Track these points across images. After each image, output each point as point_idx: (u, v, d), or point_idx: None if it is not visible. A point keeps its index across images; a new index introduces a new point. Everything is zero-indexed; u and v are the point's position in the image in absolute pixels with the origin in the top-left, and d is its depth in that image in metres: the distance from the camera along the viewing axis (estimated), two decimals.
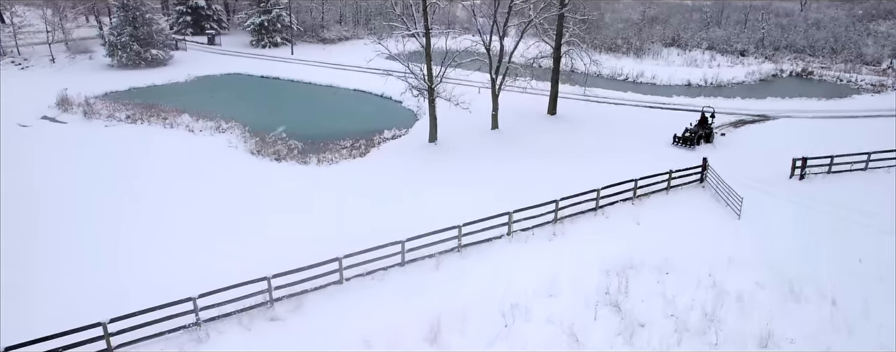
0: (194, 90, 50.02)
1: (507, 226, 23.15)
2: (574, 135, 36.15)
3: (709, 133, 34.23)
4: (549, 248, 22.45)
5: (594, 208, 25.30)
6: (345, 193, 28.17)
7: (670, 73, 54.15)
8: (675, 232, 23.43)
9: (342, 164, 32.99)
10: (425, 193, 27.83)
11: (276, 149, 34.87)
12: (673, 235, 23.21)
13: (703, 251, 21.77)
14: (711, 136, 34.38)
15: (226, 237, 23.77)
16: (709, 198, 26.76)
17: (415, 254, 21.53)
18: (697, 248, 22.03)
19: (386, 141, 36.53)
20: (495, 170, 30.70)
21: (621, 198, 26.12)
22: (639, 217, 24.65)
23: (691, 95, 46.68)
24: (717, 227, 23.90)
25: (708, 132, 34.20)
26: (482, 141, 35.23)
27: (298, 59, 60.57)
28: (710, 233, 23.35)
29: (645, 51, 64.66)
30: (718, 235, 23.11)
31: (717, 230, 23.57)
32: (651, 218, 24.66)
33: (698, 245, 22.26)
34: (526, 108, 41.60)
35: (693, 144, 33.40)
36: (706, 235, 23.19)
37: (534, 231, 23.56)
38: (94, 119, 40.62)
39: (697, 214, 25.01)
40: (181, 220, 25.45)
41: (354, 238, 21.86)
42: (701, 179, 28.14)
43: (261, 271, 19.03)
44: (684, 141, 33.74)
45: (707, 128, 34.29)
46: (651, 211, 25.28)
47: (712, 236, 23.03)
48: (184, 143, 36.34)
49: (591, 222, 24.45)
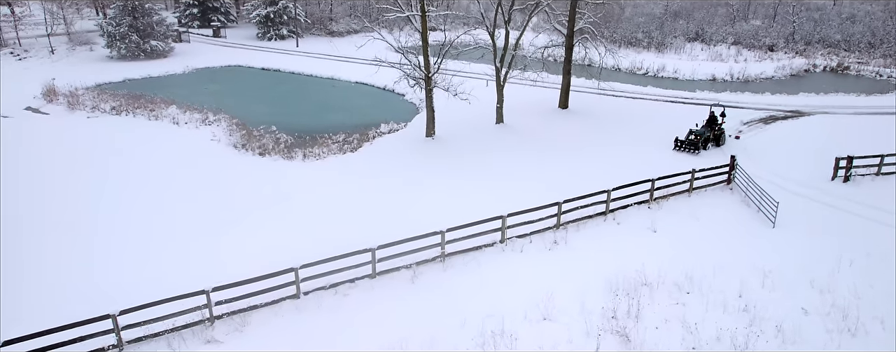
0: (190, 82, 47.17)
1: (500, 232, 19.53)
2: (586, 130, 32.35)
3: (719, 135, 29.17)
4: (548, 259, 18.77)
5: (604, 213, 21.55)
6: (327, 192, 24.80)
7: (693, 68, 49.95)
8: (698, 242, 19.60)
9: (329, 159, 29.65)
10: (415, 192, 24.34)
11: (262, 143, 31.71)
12: (696, 245, 19.38)
13: (732, 266, 17.92)
14: (722, 138, 29.29)
15: (183, 241, 20.51)
16: (737, 202, 22.83)
17: (388, 264, 18.03)
18: (725, 262, 18.18)
19: (381, 135, 33.12)
20: (495, 168, 27.05)
21: (636, 200, 22.34)
22: (656, 223, 20.83)
23: (716, 90, 42.56)
24: (748, 236, 19.99)
25: (717, 134, 29.12)
26: (484, 136, 31.59)
27: (302, 52, 57.45)
28: (741, 244, 19.46)
29: (667, 45, 60.49)
30: (750, 247, 19.21)
31: (748, 241, 19.67)
32: (670, 225, 20.83)
33: (726, 259, 18.40)
34: (536, 101, 37.86)
35: (697, 149, 28.06)
36: (735, 246, 19.32)
37: (531, 239, 19.90)
38: (77, 110, 37.91)
39: (725, 221, 21.12)
40: (136, 220, 22.28)
41: (327, 243, 18.56)
42: (728, 179, 24.20)
43: (210, 281, 15.74)
44: (687, 145, 28.31)
45: (716, 129, 29.18)
46: (670, 216, 21.44)
47: (743, 248, 19.14)
48: (164, 135, 33.33)
49: (600, 229, 20.70)
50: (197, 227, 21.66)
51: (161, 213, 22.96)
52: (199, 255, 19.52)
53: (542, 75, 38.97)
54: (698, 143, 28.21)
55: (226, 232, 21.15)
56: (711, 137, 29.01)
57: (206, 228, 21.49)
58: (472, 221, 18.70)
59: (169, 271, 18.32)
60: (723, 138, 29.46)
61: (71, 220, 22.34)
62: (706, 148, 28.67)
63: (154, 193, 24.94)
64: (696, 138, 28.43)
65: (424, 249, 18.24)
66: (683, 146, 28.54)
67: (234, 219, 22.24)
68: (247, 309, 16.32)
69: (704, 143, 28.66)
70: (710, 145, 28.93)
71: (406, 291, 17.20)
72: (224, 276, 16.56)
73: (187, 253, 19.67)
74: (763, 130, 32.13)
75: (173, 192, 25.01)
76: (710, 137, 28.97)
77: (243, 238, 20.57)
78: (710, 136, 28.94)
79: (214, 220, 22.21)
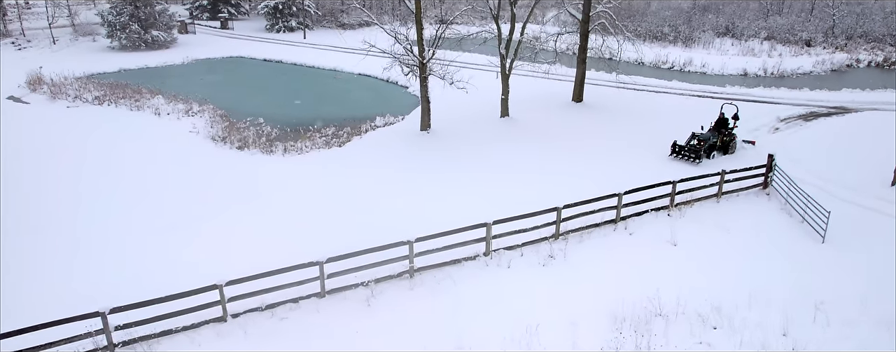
0: (187, 73, 44.30)
1: (484, 243, 15.81)
2: (600, 126, 28.39)
3: (728, 142, 23.91)
4: (541, 277, 14.98)
5: (613, 220, 17.67)
6: (301, 191, 21.36)
7: (723, 62, 45.42)
8: (728, 261, 15.64)
9: (312, 154, 26.25)
10: (396, 193, 20.75)
11: (243, 136, 28.49)
12: (726, 265, 15.42)
13: (773, 293, 13.94)
14: (732, 145, 24.00)
15: (130, 242, 17.35)
16: (776, 210, 18.72)
17: (342, 281, 14.45)
18: (764, 287, 14.20)
19: (375, 129, 29.68)
20: (493, 166, 23.30)
21: (653, 206, 18.41)
22: (676, 235, 16.87)
23: (748, 85, 38.09)
24: (792, 254, 15.92)
25: (726, 140, 23.88)
26: (485, 130, 27.84)
27: (308, 44, 54.25)
28: (783, 264, 15.42)
29: (694, 40, 55.87)
30: (796, 268, 15.18)
31: (793, 260, 15.62)
32: (694, 237, 16.85)
33: (765, 283, 14.42)
34: (548, 94, 33.97)
35: (699, 158, 22.74)
36: (777, 266, 15.29)
37: (523, 251, 16.12)
38: (59, 100, 35.23)
39: (762, 234, 17.06)
40: (88, 216, 19.27)
41: (286, 251, 15.22)
42: (764, 183, 20.11)
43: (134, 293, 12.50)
44: (687, 153, 23.03)
45: (726, 133, 23.93)
46: (694, 227, 17.46)
47: (786, 269, 15.11)
48: (142, 126, 30.34)
49: (607, 241, 16.80)
50: (149, 226, 18.48)
51: (116, 209, 19.87)
52: (134, 260, 16.26)
53: (557, 68, 35.23)
54: (701, 150, 22.81)
55: (179, 234, 17.83)
56: (718, 144, 23.78)
57: (158, 229, 18.31)
58: (449, 230, 15.01)
59: (101, 275, 15.09)
60: (733, 145, 24.09)
61: (28, 213, 19.39)
62: (710, 156, 23.41)
63: (116, 187, 21.96)
64: (700, 144, 23.15)
65: (389, 262, 14.62)
66: (683, 153, 23.26)
67: (193, 219, 18.91)
68: (158, 335, 12.89)
69: (709, 150, 23.36)
70: (716, 153, 23.64)
71: (359, 315, 13.59)
72: (150, 287, 13.30)
73: (123, 256, 16.45)
74: (803, 127, 27.76)
75: (137, 186, 21.99)
76: (717, 144, 23.69)
77: (196, 242, 17.23)
78: (717, 142, 23.68)
79: (170, 219, 18.94)
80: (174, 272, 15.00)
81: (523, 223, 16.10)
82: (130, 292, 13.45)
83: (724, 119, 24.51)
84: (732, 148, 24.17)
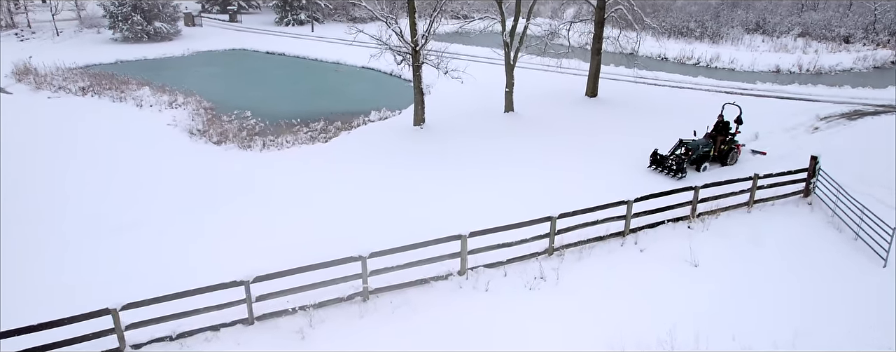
0: (185, 65, 41.99)
1: (459, 259, 12.74)
2: (614, 122, 25.08)
3: (727, 151, 19.61)
4: (526, 305, 11.86)
5: (621, 233, 14.47)
6: (264, 192, 18.57)
7: (753, 58, 41.59)
8: (763, 285, 12.35)
9: (292, 150, 23.51)
10: (375, 196, 17.83)
11: (223, 130, 25.91)
12: (760, 291, 12.14)
13: (823, 332, 10.65)
14: (732, 154, 19.68)
15: (69, 242, 14.77)
16: (821, 223, 15.30)
17: (276, 304, 11.52)
18: (811, 323, 10.91)
19: (366, 124, 26.89)
20: (488, 165, 20.24)
21: (671, 216, 15.16)
22: (697, 252, 13.60)
23: (781, 82, 34.35)
24: (844, 279, 12.55)
25: (725, 149, 19.62)
26: (484, 126, 24.75)
27: (315, 36, 51.62)
28: (834, 291, 12.07)
29: (722, 36, 51.99)
30: (850, 298, 11.83)
31: (846, 287, 12.25)
32: (719, 255, 13.58)
33: (812, 317, 11.12)
34: (560, 88, 30.74)
35: (680, 172, 18.39)
36: (826, 295, 11.95)
37: (507, 270, 13.01)
38: (42, 90, 33.17)
39: (804, 253, 13.70)
40: (38, 210, 16.80)
41: (228, 265, 12.44)
42: (806, 190, 16.68)
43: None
44: (671, 163, 18.65)
45: (724, 140, 19.66)
46: (720, 243, 14.16)
47: (839, 299, 11.78)
48: (120, 118, 28.09)
49: (612, 259, 13.59)
50: (96, 226, 15.95)
51: (56, 205, 17.43)
52: (72, 262, 13.66)
53: (571, 62, 31.97)
54: (684, 162, 18.62)
55: (103, 241, 15.16)
56: (712, 154, 19.51)
57: (106, 228, 15.79)
58: (413, 243, 11.97)
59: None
60: (733, 155, 19.76)
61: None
62: (701, 169, 19.21)
63: (63, 181, 19.61)
64: (686, 154, 18.96)
65: (337, 281, 11.66)
66: (663, 165, 18.94)
67: (129, 223, 16.24)
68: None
69: (699, 161, 19.15)
70: (708, 165, 19.41)
71: (290, 349, 10.64)
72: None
73: (60, 257, 13.88)
74: (848, 126, 24.03)
75: (97, 182, 19.59)
76: (711, 153, 19.48)
77: (139, 248, 14.58)
78: (711, 151, 19.44)
79: (103, 222, 16.30)
80: (57, 294, 12.22)
81: (510, 235, 12.99)
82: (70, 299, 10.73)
83: (723, 122, 19.93)
84: (733, 158, 19.79)
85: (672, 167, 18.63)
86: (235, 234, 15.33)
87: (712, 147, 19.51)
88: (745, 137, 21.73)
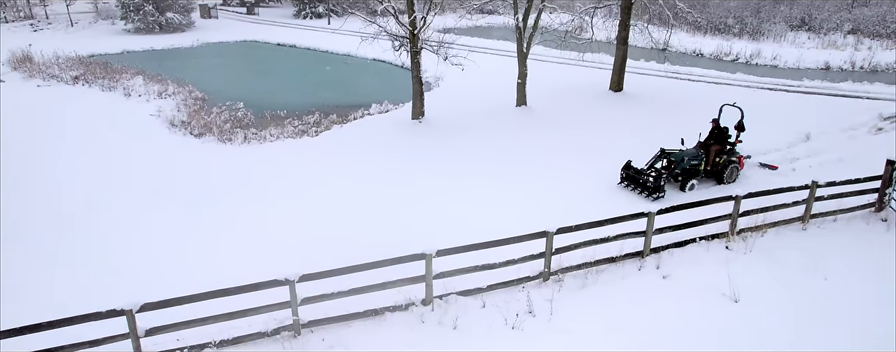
0: (190, 56, 39.97)
1: (424, 285, 9.74)
2: (639, 118, 21.74)
3: (723, 165, 15.23)
4: (506, 349, 8.81)
5: (640, 253, 11.27)
6: (230, 192, 15.90)
7: (799, 55, 37.55)
8: (830, 330, 9.05)
9: (275, 144, 20.92)
10: (354, 200, 15.00)
11: (207, 121, 23.48)
12: (826, 338, 8.85)
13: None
14: (730, 169, 15.30)
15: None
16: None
17: (172, 340, 8.72)
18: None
19: (364, 117, 24.27)
20: (486, 165, 17.20)
21: (704, 233, 11.88)
22: (737, 282, 10.27)
23: (832, 80, 30.45)
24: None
25: (720, 162, 15.28)
26: (490, 120, 21.71)
27: (330, 29, 49.16)
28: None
29: (763, 33, 47.88)
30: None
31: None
32: (766, 286, 10.25)
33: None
34: (581, 81, 27.48)
35: (656, 191, 14.41)
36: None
37: (486, 299, 9.94)
38: (35, 78, 31.37)
39: (885, 286, 10.31)
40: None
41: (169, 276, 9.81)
42: (879, 203, 13.15)
43: None
44: (645, 182, 14.66)
45: (722, 151, 15.37)
46: (767, 269, 10.83)
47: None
48: (104, 107, 26.01)
49: (626, 287, 10.37)
50: (45, 219, 13.54)
51: (28, 198, 15.07)
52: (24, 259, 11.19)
53: (597, 56, 28.81)
54: (662, 179, 14.42)
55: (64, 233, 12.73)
56: (703, 168, 15.25)
57: (46, 226, 13.33)
58: (358, 264, 9.03)
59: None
60: (733, 170, 15.36)
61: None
62: (685, 188, 14.89)
63: (38, 172, 17.35)
64: (667, 168, 14.97)
65: (261, 311, 8.80)
66: (637, 182, 14.92)
67: (88, 216, 13.80)
68: None
69: (684, 177, 14.94)
70: (696, 182, 15.06)
71: None
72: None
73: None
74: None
75: (58, 173, 17.37)
76: (699, 168, 15.16)
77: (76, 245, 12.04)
78: (701, 165, 15.18)
79: (69, 213, 13.92)
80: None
81: (493, 254, 9.95)
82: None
83: (720, 129, 15.67)
84: (731, 174, 15.41)
85: (648, 185, 14.54)
86: (177, 235, 12.67)
87: (703, 160, 15.21)
88: (797, 139, 18.24)
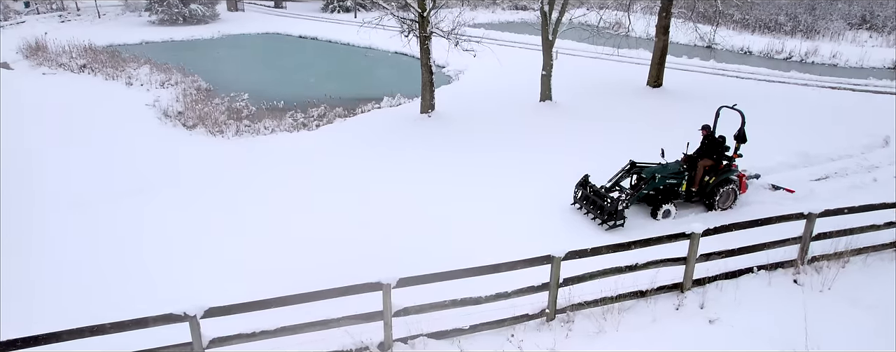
0: (208, 47, 38.57)
1: (381, 324, 7.23)
2: (679, 117, 18.77)
3: (715, 184, 11.64)
4: None
5: (679, 286, 8.53)
6: (202, 191, 13.87)
7: (862, 53, 33.80)
8: None
9: (268, 138, 19.00)
10: (341, 207, 12.64)
11: (203, 112, 21.59)
12: None
13: None
14: (725, 191, 11.71)
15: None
16: None
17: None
18: None
19: (372, 110, 22.22)
20: (500, 166, 14.64)
21: (765, 261, 9.05)
22: (812, 331, 7.47)
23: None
24: None
25: (711, 182, 11.65)
26: (508, 116, 19.12)
27: (355, 22, 47.22)
28: None
29: (818, 31, 43.96)
30: None
31: None
32: (851, 336, 7.40)
33: None
34: (616, 77, 24.68)
35: (614, 218, 10.97)
36: None
37: (466, 343, 7.40)
38: (43, 66, 30.26)
39: None
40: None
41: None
42: None
43: None
44: (602, 205, 11.08)
45: (714, 167, 11.78)
46: (851, 314, 7.94)
47: None
48: (101, 96, 24.91)
49: (657, 332, 7.62)
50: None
51: None
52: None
53: (635, 51, 25.99)
54: (621, 204, 10.93)
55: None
56: (685, 190, 11.82)
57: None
58: (287, 296, 6.60)
59: None
60: (728, 193, 11.84)
61: None
62: (657, 214, 11.46)
63: (22, 159, 15.78)
64: (635, 188, 11.56)
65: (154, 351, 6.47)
66: (593, 204, 11.48)
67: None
68: None
69: (658, 200, 11.58)
70: (673, 207, 11.57)
71: None
72: None
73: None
74: None
75: (40, 161, 15.81)
76: (678, 189, 11.79)
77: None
78: (681, 185, 11.78)
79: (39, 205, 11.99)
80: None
81: (479, 284, 7.38)
82: None
83: (713, 139, 12.00)
84: (726, 198, 11.87)
85: (605, 208, 11.01)
86: (126, 234, 10.54)
87: (685, 178, 11.75)
88: (873, 143, 15.12)
